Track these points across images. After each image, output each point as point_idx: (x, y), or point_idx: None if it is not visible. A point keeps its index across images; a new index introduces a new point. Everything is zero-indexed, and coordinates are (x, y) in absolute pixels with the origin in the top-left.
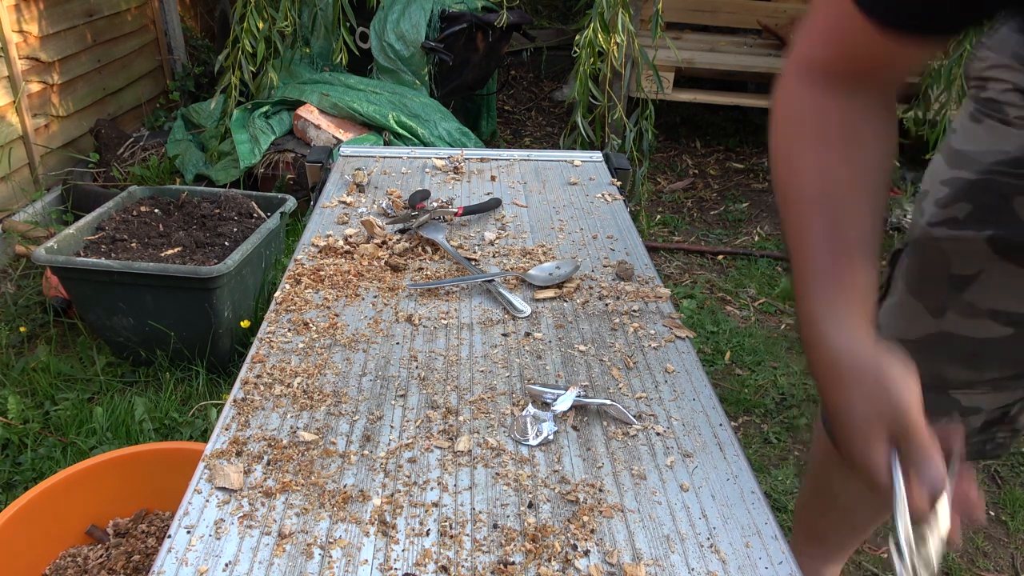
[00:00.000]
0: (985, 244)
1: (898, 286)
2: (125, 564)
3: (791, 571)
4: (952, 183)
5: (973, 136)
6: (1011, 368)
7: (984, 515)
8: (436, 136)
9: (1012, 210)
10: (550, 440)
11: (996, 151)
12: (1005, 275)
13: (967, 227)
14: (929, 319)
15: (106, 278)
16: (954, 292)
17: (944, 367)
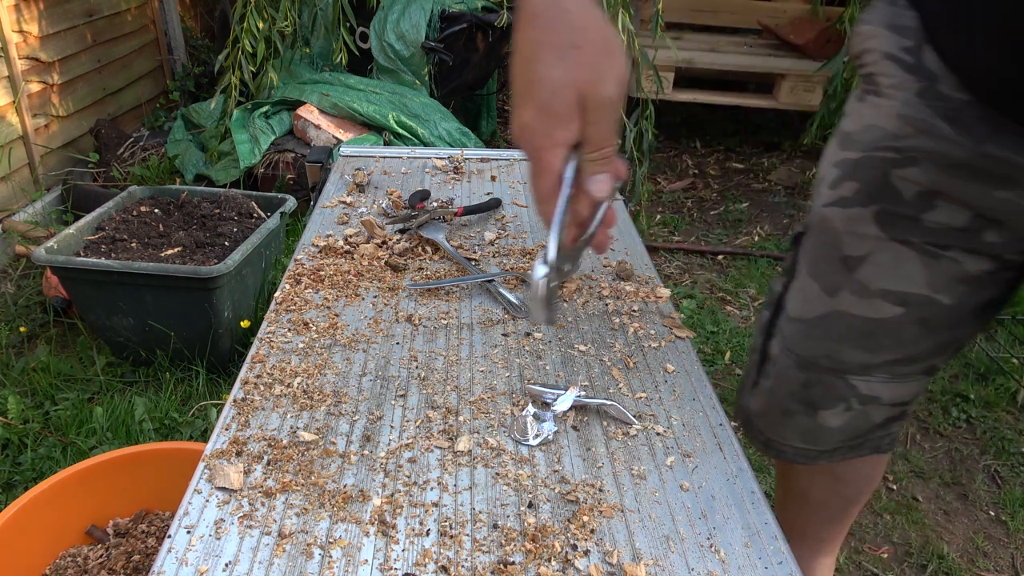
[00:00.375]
0: (872, 220)
1: (801, 268)
2: (125, 564)
3: (791, 571)
4: (840, 164)
5: (857, 116)
6: (905, 349)
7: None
8: (436, 136)
9: (891, 183)
10: (550, 440)
11: (873, 127)
12: (893, 256)
13: (855, 204)
14: (825, 298)
15: (106, 278)
16: (847, 272)
17: (840, 347)
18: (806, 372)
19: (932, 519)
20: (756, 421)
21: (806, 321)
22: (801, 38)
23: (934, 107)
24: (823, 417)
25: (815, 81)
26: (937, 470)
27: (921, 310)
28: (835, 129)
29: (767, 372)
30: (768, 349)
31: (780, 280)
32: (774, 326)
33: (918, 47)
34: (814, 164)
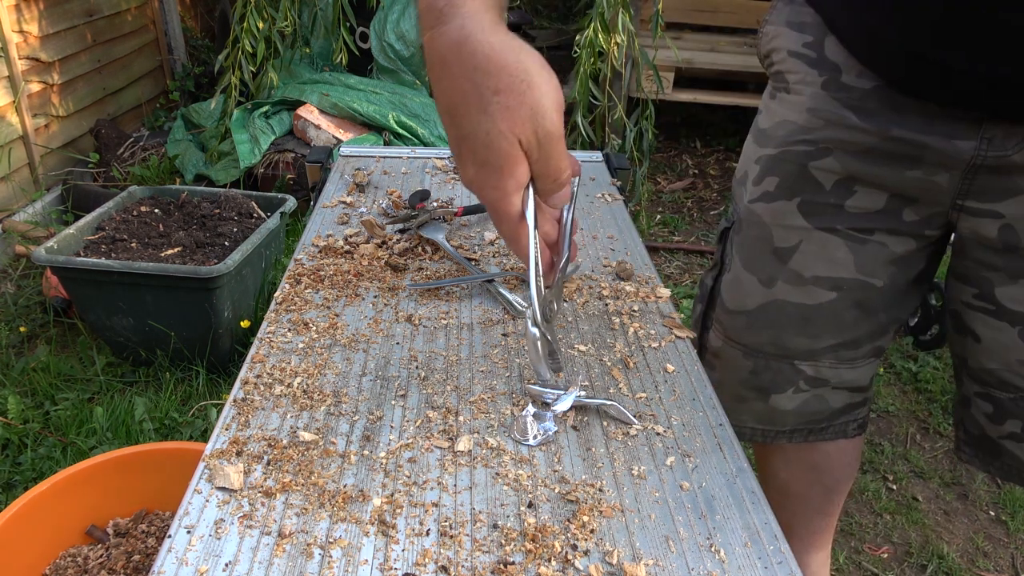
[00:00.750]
0: (797, 211)
1: (734, 262)
2: (125, 564)
3: (791, 571)
4: (760, 160)
5: (770, 113)
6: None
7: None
8: (436, 136)
9: (810, 175)
10: (550, 440)
11: (786, 123)
12: (821, 244)
13: (779, 198)
14: (762, 289)
15: (106, 278)
16: (780, 264)
17: (782, 334)
18: (753, 359)
19: (932, 519)
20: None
21: (746, 312)
22: None
23: (839, 98)
24: (775, 400)
25: None
26: (937, 470)
27: (855, 293)
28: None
29: (710, 364)
30: (706, 341)
31: (710, 274)
32: (709, 318)
33: (819, 41)
34: None
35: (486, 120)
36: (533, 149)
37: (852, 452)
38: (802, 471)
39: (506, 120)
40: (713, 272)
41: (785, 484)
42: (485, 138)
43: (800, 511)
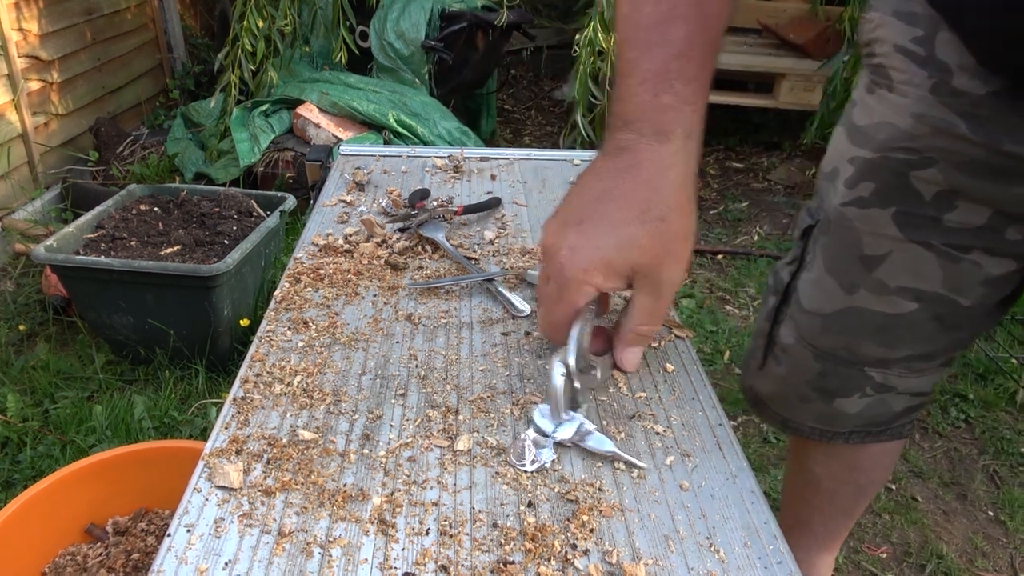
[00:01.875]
0: (891, 221)
1: (817, 262)
2: (124, 563)
3: (791, 571)
4: (855, 162)
5: (868, 109)
6: (922, 346)
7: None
8: (436, 135)
9: (910, 184)
10: (546, 468)
11: (887, 125)
12: (911, 257)
13: (873, 205)
14: (843, 295)
15: (106, 276)
16: (865, 271)
17: (857, 341)
18: (822, 363)
19: (931, 519)
20: (769, 403)
21: (823, 315)
22: (801, 38)
23: (948, 104)
24: (840, 404)
25: (815, 81)
26: (936, 470)
27: (936, 307)
28: (842, 117)
29: (777, 358)
30: (775, 335)
31: (787, 268)
32: (782, 312)
33: (929, 37)
34: (814, 164)
35: (637, 228)
36: (650, 284)
37: (893, 453)
38: (840, 468)
39: (649, 244)
40: (791, 267)
41: (818, 479)
42: (623, 238)
43: (825, 508)
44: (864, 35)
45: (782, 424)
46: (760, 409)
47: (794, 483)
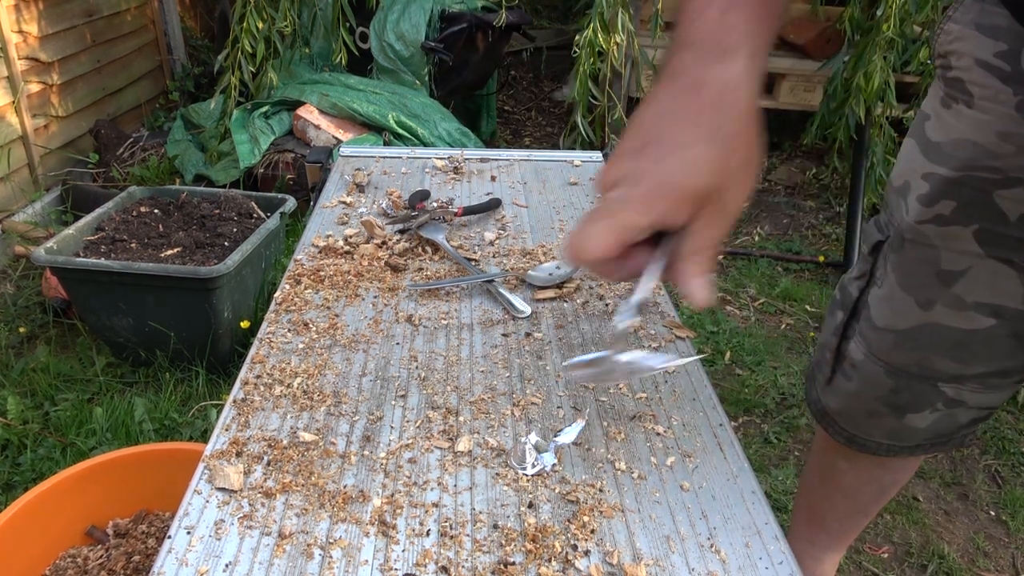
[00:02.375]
0: (972, 238)
1: (888, 279)
2: (125, 565)
3: (791, 571)
4: (931, 178)
5: (944, 124)
6: (997, 362)
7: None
8: (436, 136)
9: (994, 203)
10: (547, 473)
11: (968, 143)
12: (991, 273)
13: (953, 223)
14: (918, 311)
15: (106, 278)
16: (942, 287)
17: (932, 357)
18: (895, 379)
19: (932, 519)
20: (838, 419)
21: (897, 332)
22: (801, 38)
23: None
24: (910, 419)
25: (815, 81)
26: (937, 470)
27: (1016, 324)
28: (912, 128)
29: (847, 373)
30: (844, 350)
31: (855, 284)
32: (851, 328)
33: (1015, 52)
34: (814, 164)
35: (707, 148)
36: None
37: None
38: (868, 465)
39: (719, 163)
40: (860, 282)
41: (842, 474)
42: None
43: (844, 505)
44: (940, 46)
45: (848, 439)
46: (827, 423)
47: (814, 478)
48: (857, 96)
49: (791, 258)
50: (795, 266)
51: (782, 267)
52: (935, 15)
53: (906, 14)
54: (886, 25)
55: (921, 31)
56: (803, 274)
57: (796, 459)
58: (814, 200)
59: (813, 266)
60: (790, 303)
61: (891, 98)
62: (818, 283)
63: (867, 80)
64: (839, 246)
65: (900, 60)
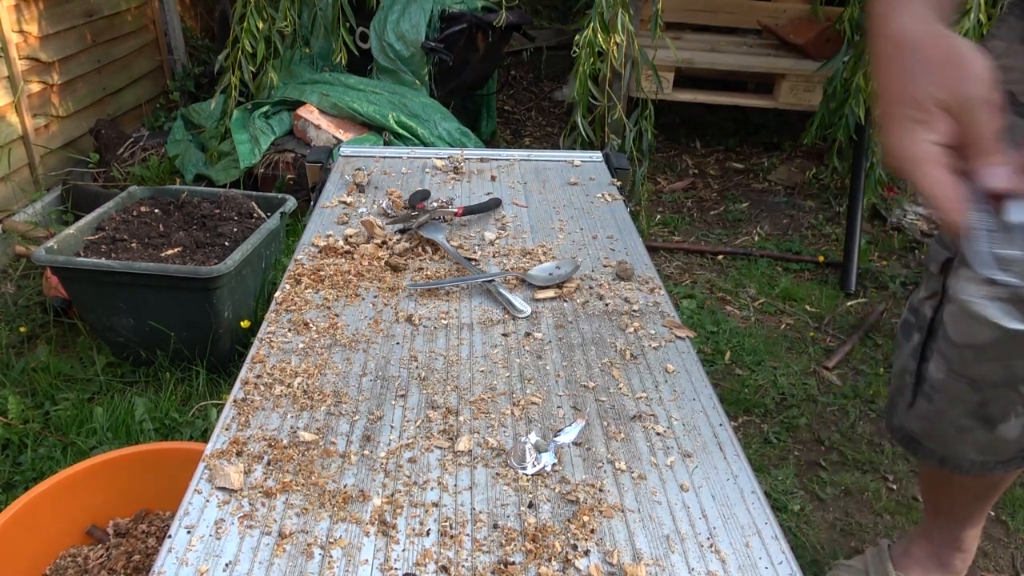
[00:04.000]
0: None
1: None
2: (125, 564)
3: (791, 571)
4: None
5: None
6: None
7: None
8: (436, 136)
9: None
10: (547, 472)
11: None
12: None
13: None
14: (994, 324)
15: (106, 278)
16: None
17: (1014, 363)
18: (981, 392)
19: None
20: (924, 440)
21: (976, 347)
22: (801, 38)
23: None
24: (1002, 431)
25: (815, 81)
26: None
27: None
28: None
29: (928, 395)
30: (924, 372)
31: (927, 303)
32: (929, 348)
33: None
34: (814, 164)
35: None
36: (955, 112)
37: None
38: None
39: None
40: (932, 302)
41: (951, 475)
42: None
43: (964, 497)
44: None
45: (940, 461)
46: (914, 448)
47: (930, 479)
48: (857, 96)
49: (791, 258)
50: (795, 266)
51: (782, 267)
52: None
53: None
54: None
55: None
56: (803, 274)
57: (796, 459)
58: (814, 200)
59: (813, 266)
60: (790, 303)
61: None
62: (818, 283)
63: (867, 80)
64: (839, 246)
65: None
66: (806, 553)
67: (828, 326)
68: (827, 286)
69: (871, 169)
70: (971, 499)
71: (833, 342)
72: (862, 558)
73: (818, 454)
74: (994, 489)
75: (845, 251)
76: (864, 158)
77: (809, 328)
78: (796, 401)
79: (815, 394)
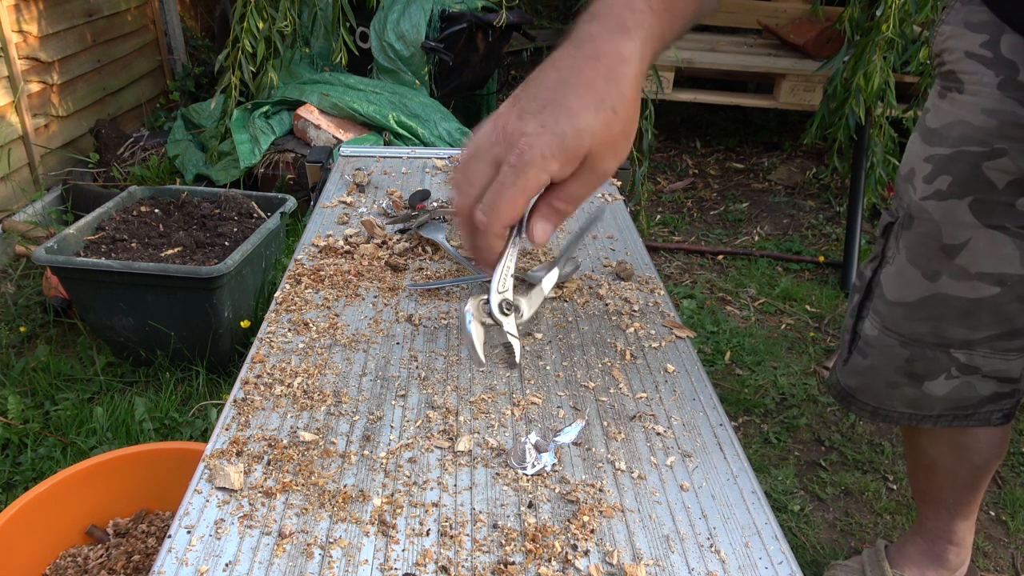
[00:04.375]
0: (968, 210)
1: (899, 256)
2: (125, 564)
3: (791, 571)
4: (932, 159)
5: (940, 112)
6: (1005, 325)
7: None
8: (436, 136)
9: (984, 175)
10: (547, 472)
11: (960, 123)
12: (989, 241)
13: (950, 196)
14: (926, 283)
15: (106, 278)
16: (946, 259)
17: (942, 324)
18: (909, 348)
19: None
20: (859, 395)
21: (907, 304)
22: (801, 38)
23: (1015, 97)
24: (928, 387)
25: (815, 81)
26: None
27: (1019, 288)
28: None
29: (862, 351)
30: (860, 328)
31: (869, 266)
32: (865, 307)
33: (995, 40)
34: (814, 164)
35: (592, 116)
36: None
37: (1000, 436)
38: (950, 449)
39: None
40: (873, 264)
41: (934, 460)
42: (581, 125)
43: (949, 484)
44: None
45: (872, 413)
46: (848, 402)
47: (915, 465)
48: (857, 96)
49: (791, 258)
50: (795, 266)
51: (782, 267)
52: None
53: (906, 14)
54: (886, 25)
55: (921, 31)
56: (803, 274)
57: (796, 459)
58: (814, 200)
59: (813, 266)
60: (790, 303)
61: (891, 98)
62: (818, 283)
63: (867, 80)
64: (839, 246)
65: (900, 60)
66: (806, 553)
67: (828, 326)
68: (827, 286)
69: (871, 169)
70: (957, 485)
71: (833, 342)
72: (859, 558)
73: (818, 454)
74: (977, 474)
75: (845, 251)
76: (864, 158)
77: (809, 328)
78: (796, 401)
79: (815, 394)
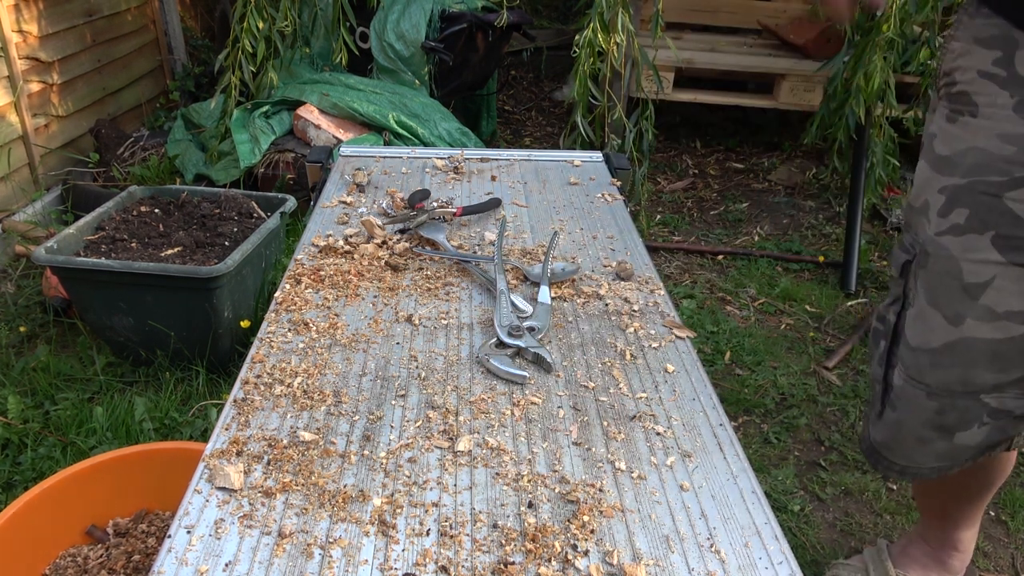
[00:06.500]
0: (990, 245)
1: (918, 297)
2: (125, 564)
3: (791, 571)
4: (945, 191)
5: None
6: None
7: None
8: (436, 136)
9: (1006, 207)
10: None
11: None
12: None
13: (969, 231)
14: (949, 328)
15: (106, 278)
16: (969, 300)
17: (970, 371)
18: (938, 400)
19: None
20: (885, 452)
21: (931, 351)
22: (801, 38)
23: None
24: (959, 438)
25: (815, 81)
26: None
27: None
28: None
29: (893, 403)
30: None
31: (891, 309)
32: (893, 355)
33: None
34: (814, 164)
35: None
36: None
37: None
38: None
39: None
40: (895, 307)
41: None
42: None
43: (955, 498)
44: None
45: (900, 473)
46: (876, 460)
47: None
48: (857, 96)
49: (791, 258)
50: (795, 266)
51: (782, 267)
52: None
53: (906, 14)
54: (886, 25)
55: (921, 31)
56: (803, 274)
57: (796, 459)
58: (814, 200)
59: (813, 266)
60: (790, 303)
61: (891, 98)
62: (818, 283)
63: (867, 80)
64: (839, 246)
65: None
66: (806, 553)
67: (828, 326)
68: (827, 286)
69: (871, 169)
70: (963, 502)
71: (833, 342)
72: (861, 557)
73: (818, 454)
74: (986, 490)
75: (845, 251)
76: (864, 158)
77: (809, 328)
78: (796, 401)
79: (815, 394)
